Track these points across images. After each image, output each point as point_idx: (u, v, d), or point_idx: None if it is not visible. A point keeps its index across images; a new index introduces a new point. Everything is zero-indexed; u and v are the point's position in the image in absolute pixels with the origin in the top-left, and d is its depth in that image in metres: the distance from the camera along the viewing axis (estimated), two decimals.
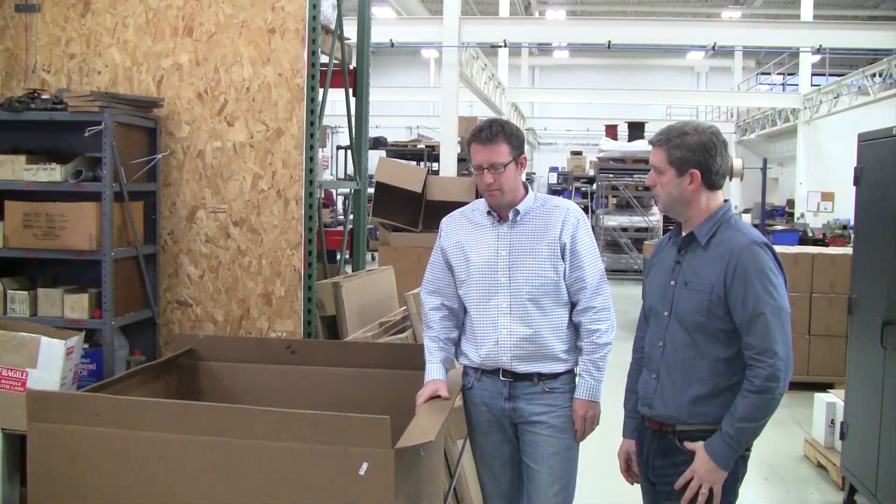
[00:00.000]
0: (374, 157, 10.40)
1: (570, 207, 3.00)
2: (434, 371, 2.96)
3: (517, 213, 2.94)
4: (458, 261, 3.00)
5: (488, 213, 2.98)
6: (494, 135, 2.88)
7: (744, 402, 2.40)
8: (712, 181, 2.54)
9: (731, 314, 2.46)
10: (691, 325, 2.51)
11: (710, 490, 2.48)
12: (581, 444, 3.01)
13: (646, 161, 16.88)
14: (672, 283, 2.58)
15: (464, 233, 3.01)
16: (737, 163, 17.00)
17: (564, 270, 2.92)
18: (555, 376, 2.92)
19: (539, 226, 2.94)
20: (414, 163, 13.36)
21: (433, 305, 3.05)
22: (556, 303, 2.92)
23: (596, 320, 2.91)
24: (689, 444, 2.51)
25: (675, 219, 2.66)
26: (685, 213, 2.58)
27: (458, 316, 3.07)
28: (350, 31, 4.83)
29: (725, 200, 2.62)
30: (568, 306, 2.96)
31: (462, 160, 13.45)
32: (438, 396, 2.85)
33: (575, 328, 2.97)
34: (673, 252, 2.64)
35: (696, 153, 2.51)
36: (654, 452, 2.61)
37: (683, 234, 2.62)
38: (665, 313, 2.59)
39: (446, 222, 3.11)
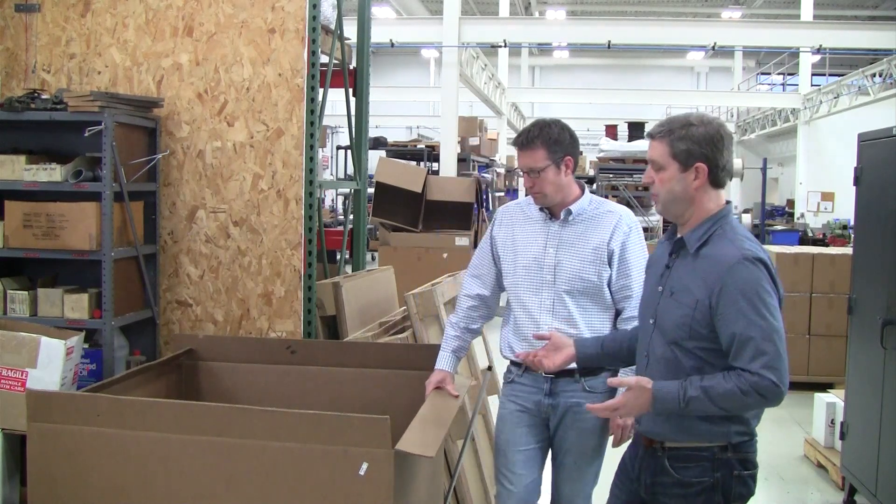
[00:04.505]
0: (374, 157, 10.39)
1: (622, 214, 2.98)
2: (443, 361, 3.02)
3: (569, 212, 2.95)
4: (506, 253, 3.04)
5: (541, 209, 2.99)
6: (531, 139, 2.91)
7: (723, 382, 2.22)
8: (718, 177, 2.34)
9: (714, 333, 2.29)
10: (672, 340, 2.36)
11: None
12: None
13: (646, 161, 16.96)
14: (659, 288, 2.43)
15: (517, 226, 3.04)
16: (737, 163, 16.99)
17: (610, 277, 2.92)
18: (595, 374, 2.92)
19: (589, 228, 2.94)
20: (414, 163, 13.34)
21: (469, 293, 3.11)
22: (598, 306, 2.94)
23: None
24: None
25: (671, 220, 2.48)
26: (685, 213, 2.38)
27: (490, 306, 3.13)
28: (350, 31, 4.83)
29: (727, 202, 2.42)
30: (611, 311, 2.97)
31: (462, 160, 13.45)
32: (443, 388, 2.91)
33: None
34: (666, 255, 2.47)
35: (703, 146, 2.31)
36: (645, 469, 2.48)
37: (678, 236, 2.44)
38: (650, 321, 2.44)
39: (502, 212, 3.15)
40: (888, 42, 13.74)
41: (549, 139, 2.90)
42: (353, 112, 4.86)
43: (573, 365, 2.76)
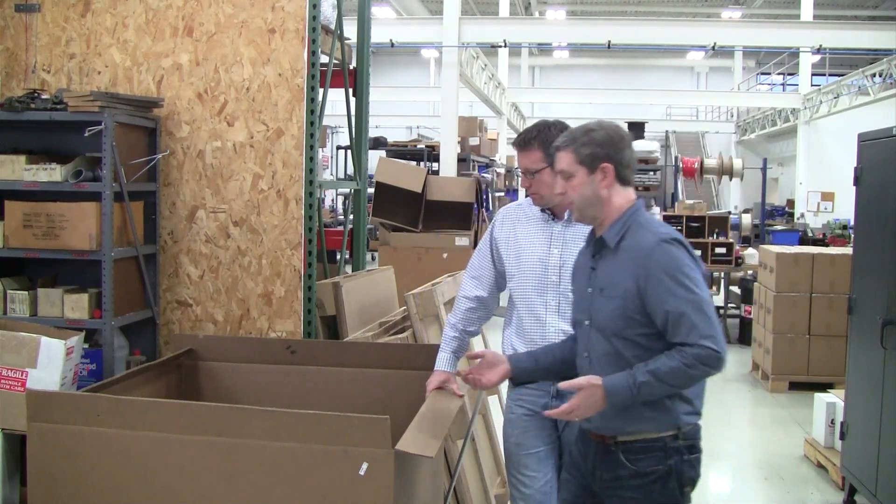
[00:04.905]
0: (374, 157, 10.39)
1: None
2: (442, 362, 3.02)
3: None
4: (509, 254, 3.03)
5: (542, 210, 2.99)
6: (528, 141, 2.91)
7: (667, 361, 2.32)
8: (624, 175, 2.49)
9: (649, 317, 2.39)
10: (611, 333, 2.45)
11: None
12: None
13: (647, 161, 16.98)
14: (589, 290, 2.53)
15: (519, 227, 3.03)
16: (737, 163, 16.99)
17: None
18: None
19: None
20: (414, 163, 13.34)
21: (467, 294, 3.10)
22: None
23: None
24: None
25: (588, 224, 2.59)
26: (600, 213, 2.51)
27: (489, 308, 3.13)
28: (350, 31, 4.83)
29: (637, 197, 2.55)
30: None
31: (462, 160, 13.44)
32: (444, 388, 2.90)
33: None
34: (588, 258, 2.58)
35: (605, 147, 2.46)
36: (601, 466, 2.53)
37: (597, 236, 2.56)
38: (586, 322, 2.53)
39: (503, 213, 3.14)
40: (888, 42, 13.73)
41: (546, 141, 2.89)
42: (353, 112, 4.86)
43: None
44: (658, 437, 2.44)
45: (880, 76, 16.16)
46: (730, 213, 13.94)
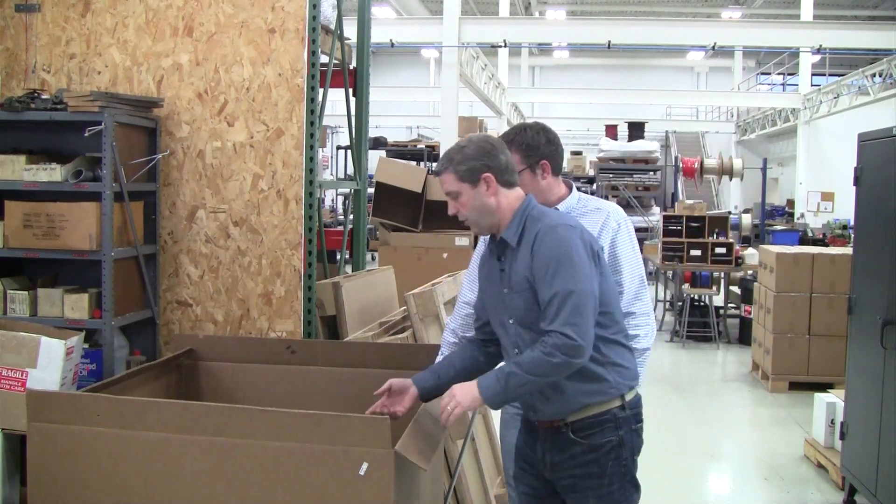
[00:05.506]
0: (374, 157, 10.39)
1: (611, 211, 2.97)
2: None
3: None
4: None
5: None
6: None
7: (530, 353, 2.40)
8: (505, 179, 2.58)
9: None
10: (532, 324, 2.50)
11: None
12: None
13: (646, 161, 16.97)
14: (505, 290, 2.58)
15: None
16: (737, 163, 17.00)
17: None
18: None
19: None
20: (414, 163, 13.33)
21: (466, 299, 3.11)
22: None
23: (635, 326, 2.85)
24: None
25: (488, 233, 2.65)
26: (494, 220, 2.58)
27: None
28: (350, 31, 4.83)
29: (527, 195, 2.61)
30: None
31: None
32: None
33: None
34: (495, 261, 2.64)
35: (480, 158, 2.55)
36: (550, 450, 2.58)
37: (499, 238, 2.62)
38: (510, 321, 2.58)
39: None
40: (888, 42, 13.73)
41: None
42: (353, 112, 4.86)
43: None
44: (606, 409, 2.51)
45: (880, 76, 16.15)
46: (730, 213, 13.94)
